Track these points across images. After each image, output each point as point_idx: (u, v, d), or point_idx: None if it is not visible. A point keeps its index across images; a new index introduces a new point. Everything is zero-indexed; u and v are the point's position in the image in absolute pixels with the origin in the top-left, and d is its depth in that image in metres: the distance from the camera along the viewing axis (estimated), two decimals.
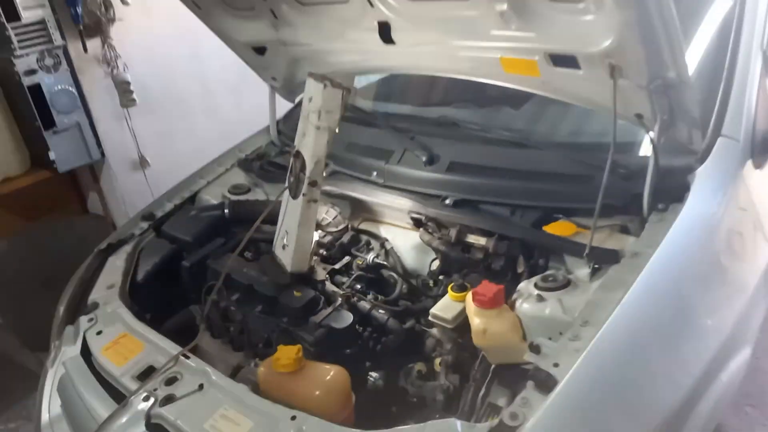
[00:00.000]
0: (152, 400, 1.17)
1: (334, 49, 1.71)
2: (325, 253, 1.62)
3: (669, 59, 1.11)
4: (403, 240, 1.65)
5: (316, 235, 1.60)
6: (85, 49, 2.40)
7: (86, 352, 1.41)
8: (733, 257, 1.31)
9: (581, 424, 0.97)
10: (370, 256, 1.58)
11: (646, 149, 1.41)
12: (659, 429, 1.01)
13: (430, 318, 1.36)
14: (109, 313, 1.46)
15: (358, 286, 1.51)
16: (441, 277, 1.53)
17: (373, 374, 1.38)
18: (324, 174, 1.50)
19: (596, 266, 1.22)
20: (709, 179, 1.32)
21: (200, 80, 2.84)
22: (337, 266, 1.57)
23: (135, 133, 2.58)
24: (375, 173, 1.69)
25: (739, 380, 1.22)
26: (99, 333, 1.41)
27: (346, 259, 1.60)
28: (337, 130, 1.42)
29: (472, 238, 1.43)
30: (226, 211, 1.77)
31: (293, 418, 1.06)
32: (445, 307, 1.34)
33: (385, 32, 1.50)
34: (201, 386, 1.18)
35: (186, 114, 2.81)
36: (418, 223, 1.55)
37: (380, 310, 1.43)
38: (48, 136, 2.32)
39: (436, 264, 1.54)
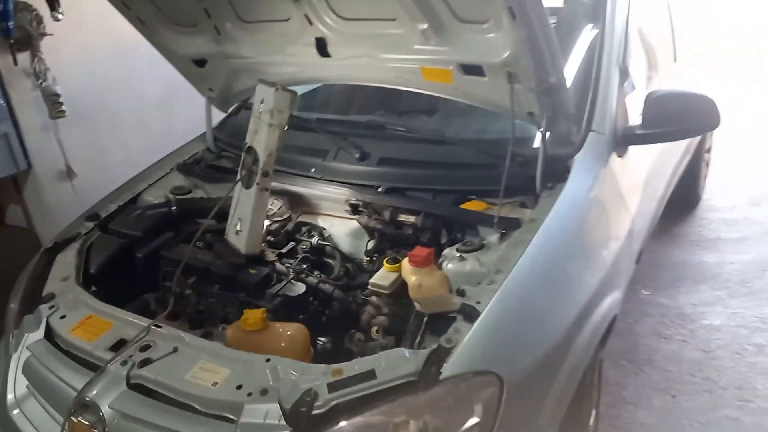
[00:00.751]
0: (130, 364, 1.29)
1: (274, 62, 1.92)
2: (272, 239, 1.81)
3: (551, 67, 1.45)
4: (340, 228, 1.87)
5: (264, 223, 1.78)
6: (15, 62, 2.41)
7: (50, 337, 1.48)
8: (603, 222, 1.68)
9: (499, 342, 1.24)
10: (314, 240, 1.80)
11: (536, 142, 1.76)
12: (554, 344, 1.31)
13: (369, 287, 1.58)
14: (70, 300, 1.54)
15: (304, 266, 1.72)
16: (375, 257, 1.77)
17: (322, 339, 1.58)
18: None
19: (503, 232, 1.52)
20: (584, 164, 1.68)
21: (131, 94, 2.90)
22: (284, 250, 1.77)
23: (63, 144, 2.59)
24: (313, 170, 1.90)
25: (611, 317, 1.56)
26: (63, 317, 1.48)
27: (291, 244, 1.80)
28: (285, 128, 1.63)
29: (403, 217, 1.69)
30: (173, 207, 1.90)
31: (267, 360, 1.24)
32: (382, 277, 1.57)
33: (321, 47, 1.74)
34: (176, 349, 1.31)
35: (116, 127, 2.85)
36: (355, 210, 1.79)
37: (326, 284, 1.64)
38: None
39: (371, 244, 1.78)
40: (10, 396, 1.44)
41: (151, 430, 1.19)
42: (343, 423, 1.12)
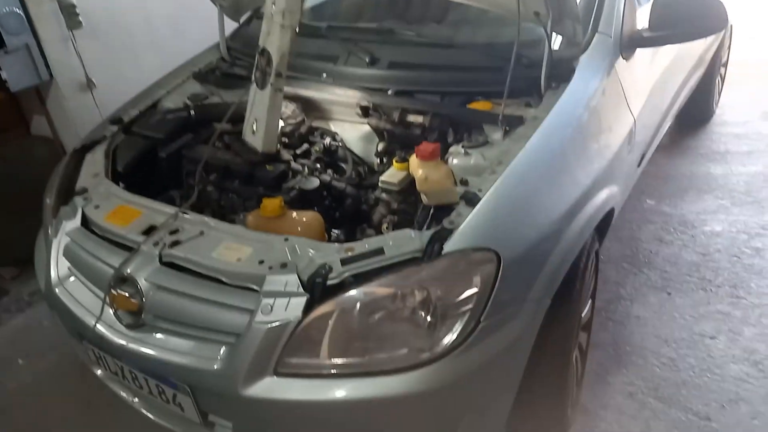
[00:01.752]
0: (161, 244, 1.42)
1: None
2: (286, 141, 1.90)
3: None
4: (351, 132, 1.95)
5: (279, 125, 1.86)
6: None
7: (85, 226, 1.61)
8: (603, 120, 1.73)
9: (498, 224, 1.34)
10: (327, 141, 1.89)
11: (543, 45, 1.79)
12: (549, 228, 1.41)
13: (379, 185, 1.67)
14: (102, 192, 1.66)
15: (318, 166, 1.82)
16: (385, 158, 1.86)
17: (335, 231, 1.70)
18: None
19: (507, 129, 1.59)
20: (589, 65, 1.72)
21: (143, 9, 2.94)
22: (298, 152, 1.86)
23: (81, 56, 2.66)
24: (324, 74, 1.96)
25: (606, 209, 1.65)
26: (97, 207, 1.60)
27: (305, 146, 1.89)
28: (297, 29, 1.68)
29: (411, 118, 1.76)
30: (192, 112, 1.99)
31: (286, 239, 1.36)
32: (391, 175, 1.66)
33: None
34: (202, 232, 1.44)
35: (129, 43, 2.89)
36: (365, 112, 1.86)
37: (339, 182, 1.75)
38: None
39: (381, 146, 1.86)
40: (53, 275, 1.59)
41: (184, 299, 1.34)
42: (353, 291, 1.25)
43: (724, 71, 3.86)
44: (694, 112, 3.54)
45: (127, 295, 1.38)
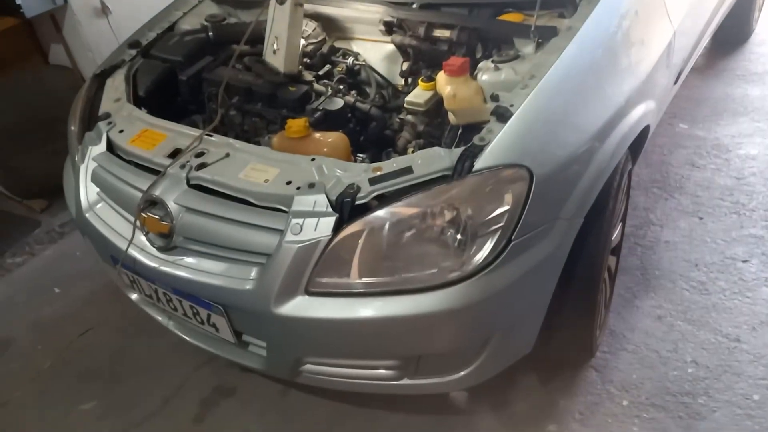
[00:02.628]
0: (188, 167, 1.41)
1: None
2: (308, 61, 1.84)
3: None
4: (374, 53, 1.88)
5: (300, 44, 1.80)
6: None
7: (111, 151, 1.61)
8: (641, 32, 1.63)
9: (530, 140, 1.29)
10: (349, 61, 1.82)
11: None
12: (583, 144, 1.36)
13: (405, 105, 1.62)
14: (125, 116, 1.64)
15: (341, 87, 1.76)
16: (410, 78, 1.79)
17: (360, 155, 1.67)
18: None
19: (539, 41, 1.51)
20: None
21: None
22: (320, 72, 1.80)
23: None
24: None
25: (642, 125, 1.58)
26: (121, 131, 1.59)
27: (328, 66, 1.83)
28: None
29: (438, 33, 1.68)
30: (210, 33, 1.92)
31: (313, 159, 1.34)
32: (417, 95, 1.60)
33: None
34: (228, 154, 1.42)
35: None
36: (389, 29, 1.78)
37: (363, 104, 1.70)
38: None
39: (406, 65, 1.79)
40: (83, 201, 1.60)
41: (214, 220, 1.34)
42: (382, 210, 1.23)
43: None
44: (732, 31, 3.34)
45: (157, 217, 1.39)
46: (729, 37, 3.42)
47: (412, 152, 1.61)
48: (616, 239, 1.81)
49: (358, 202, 1.24)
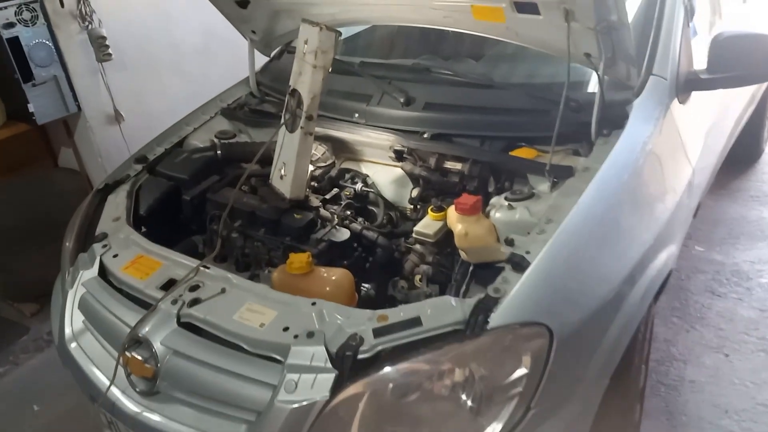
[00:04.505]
0: (180, 303, 1.32)
1: (316, 2, 1.85)
2: (316, 185, 1.79)
3: (612, 4, 1.34)
4: (383, 176, 1.84)
5: (308, 169, 1.76)
6: (62, 4, 2.42)
7: (103, 276, 1.53)
8: (661, 173, 1.59)
9: (550, 293, 1.20)
10: (358, 186, 1.77)
11: (591, 86, 1.66)
12: (607, 298, 1.26)
13: (413, 235, 1.55)
14: (122, 239, 1.58)
15: (348, 213, 1.70)
16: (420, 205, 1.74)
17: (366, 285, 1.58)
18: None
19: (555, 180, 1.46)
20: (644, 110, 1.58)
21: (171, 41, 2.90)
22: (327, 196, 1.75)
23: (110, 88, 2.63)
24: (356, 115, 1.86)
25: (666, 272, 1.49)
26: (115, 256, 1.52)
27: (335, 190, 1.78)
28: (330, 70, 1.58)
29: (449, 164, 1.64)
30: (219, 152, 1.90)
31: (313, 303, 1.24)
32: (426, 225, 1.54)
33: None
34: (223, 290, 1.34)
35: (157, 73, 2.86)
36: (399, 156, 1.75)
37: (370, 231, 1.63)
38: (27, 88, 2.36)
39: (416, 192, 1.74)
40: (67, 330, 1.50)
41: (202, 367, 1.23)
42: (388, 368, 1.11)
43: None
44: (743, 151, 3.34)
45: (141, 359, 1.28)
46: (740, 156, 3.41)
47: (420, 279, 1.54)
48: (642, 384, 1.67)
49: (360, 356, 1.13)
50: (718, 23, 2.26)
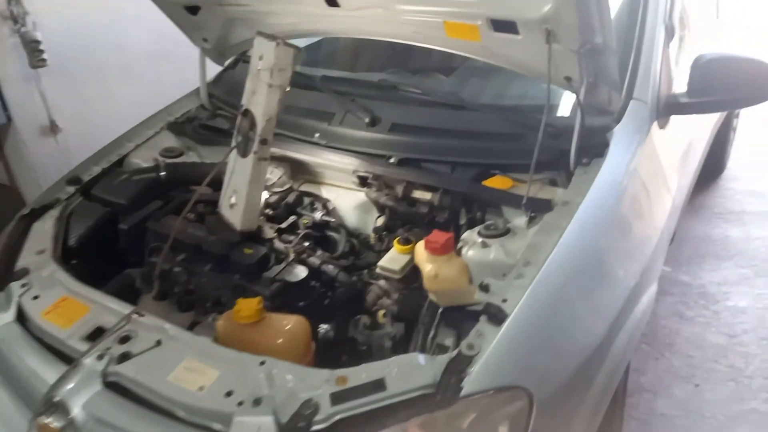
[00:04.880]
0: (107, 358, 1.14)
1: (274, 11, 1.69)
2: (271, 212, 1.63)
3: (597, 25, 1.24)
4: (345, 200, 1.69)
5: (263, 195, 1.60)
6: None
7: (21, 320, 1.33)
8: (643, 206, 1.49)
9: (529, 351, 1.08)
10: (317, 215, 1.62)
11: (568, 110, 1.56)
12: (591, 350, 1.15)
13: (378, 270, 1.42)
14: (45, 277, 1.38)
15: (306, 244, 1.54)
16: (384, 234, 1.59)
17: (324, 326, 1.42)
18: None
19: (533, 215, 1.34)
20: (624, 136, 1.48)
21: (118, 46, 2.66)
22: (283, 225, 1.59)
23: (45, 96, 2.39)
24: (317, 134, 1.71)
25: (649, 313, 1.40)
26: (36, 298, 1.33)
27: (292, 218, 1.62)
28: (288, 89, 1.43)
29: (417, 194, 1.51)
30: (162, 173, 1.72)
31: (262, 363, 1.08)
32: (392, 260, 1.41)
33: None
34: (159, 342, 1.16)
35: (102, 79, 2.62)
36: (363, 182, 1.60)
37: (329, 266, 1.48)
38: None
39: (381, 221, 1.60)
40: None
41: None
42: None
43: (736, 122, 3.68)
44: (707, 167, 3.33)
45: (57, 427, 1.09)
46: (703, 171, 3.40)
47: (383, 316, 1.39)
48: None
49: (314, 428, 0.98)
50: (687, 37, 2.19)
